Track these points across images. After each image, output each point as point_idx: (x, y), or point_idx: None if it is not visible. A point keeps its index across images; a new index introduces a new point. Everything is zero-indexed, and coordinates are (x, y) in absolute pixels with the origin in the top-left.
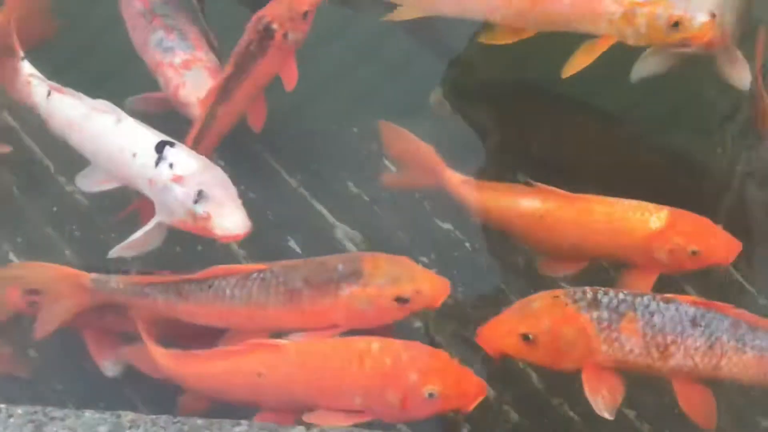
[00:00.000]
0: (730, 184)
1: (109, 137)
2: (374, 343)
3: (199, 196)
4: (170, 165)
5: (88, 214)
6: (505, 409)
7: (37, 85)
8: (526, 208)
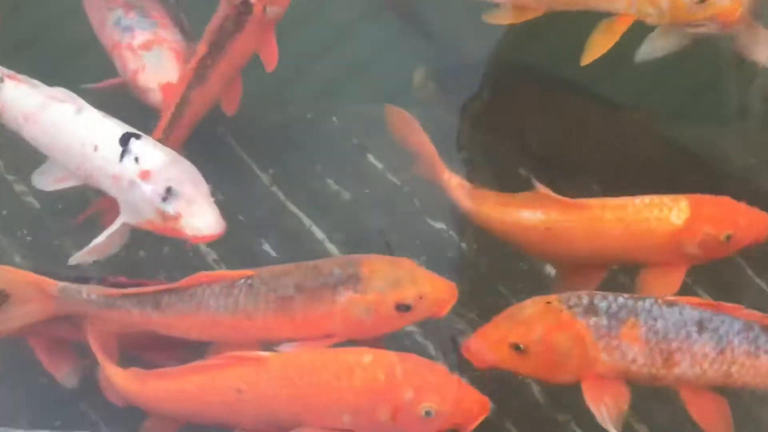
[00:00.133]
0: (747, 178)
1: (67, 129)
2: (366, 356)
3: (168, 194)
4: (136, 159)
5: (41, 217)
6: (506, 426)
7: None
8: (529, 220)
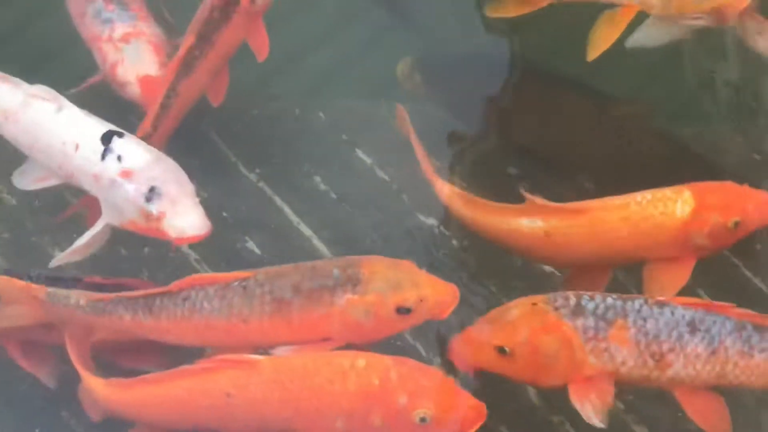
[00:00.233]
0: (746, 176)
1: (48, 127)
2: (360, 359)
3: (152, 193)
4: (118, 158)
5: (18, 215)
6: (500, 429)
7: None
8: (527, 228)
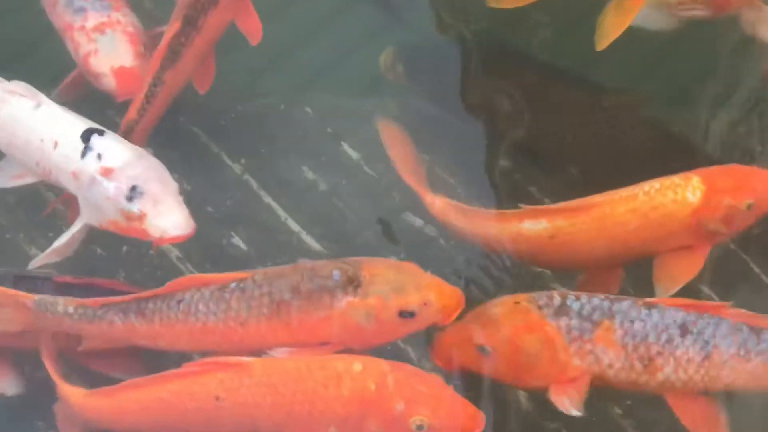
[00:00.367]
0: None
1: (26, 124)
2: (356, 363)
3: (133, 192)
4: (98, 156)
5: None
6: None
7: None
8: (531, 232)
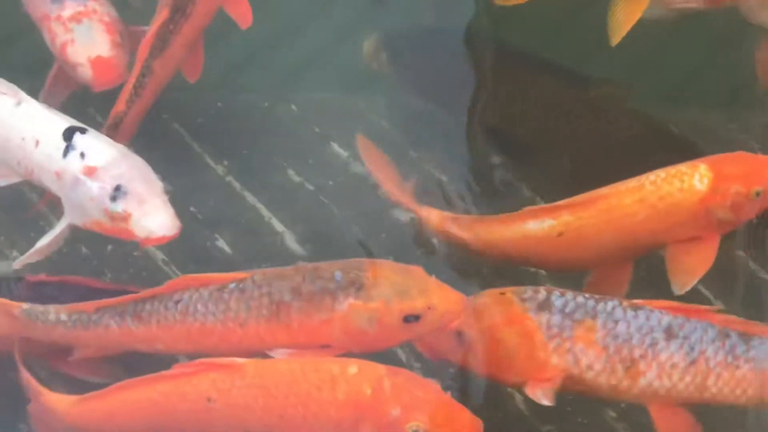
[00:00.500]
0: None
1: (7, 122)
2: (351, 366)
3: (117, 192)
4: (81, 155)
5: None
6: None
7: None
8: (538, 232)
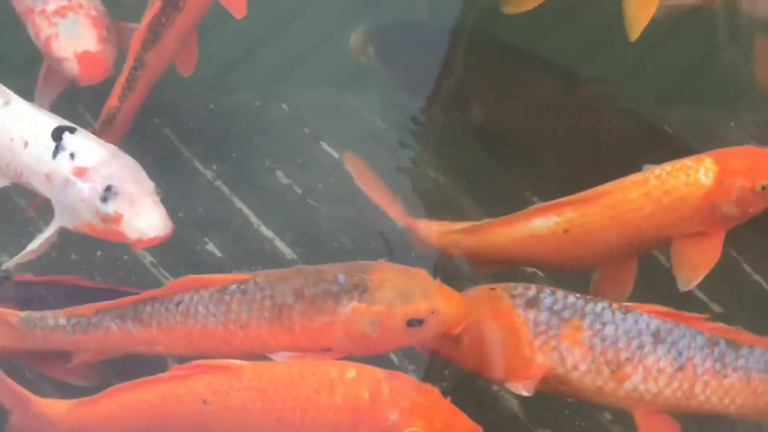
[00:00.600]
0: None
1: None
2: (349, 370)
3: (108, 192)
4: (71, 155)
5: None
6: None
7: None
8: (543, 230)
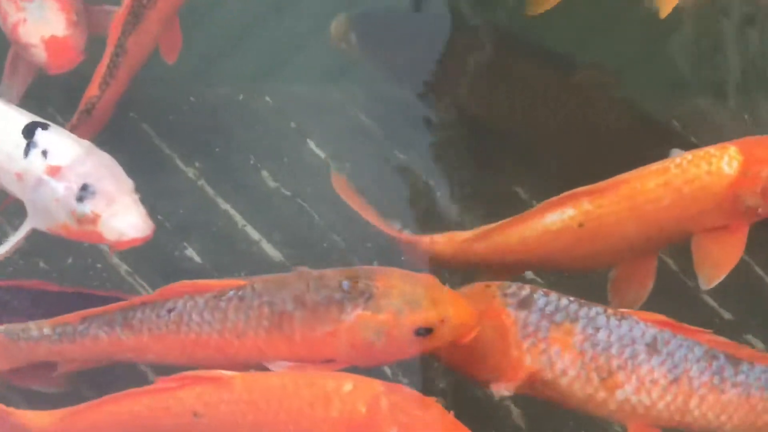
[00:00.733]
0: None
1: None
2: (347, 383)
3: (84, 192)
4: (43, 153)
5: None
6: None
7: None
8: (558, 225)
